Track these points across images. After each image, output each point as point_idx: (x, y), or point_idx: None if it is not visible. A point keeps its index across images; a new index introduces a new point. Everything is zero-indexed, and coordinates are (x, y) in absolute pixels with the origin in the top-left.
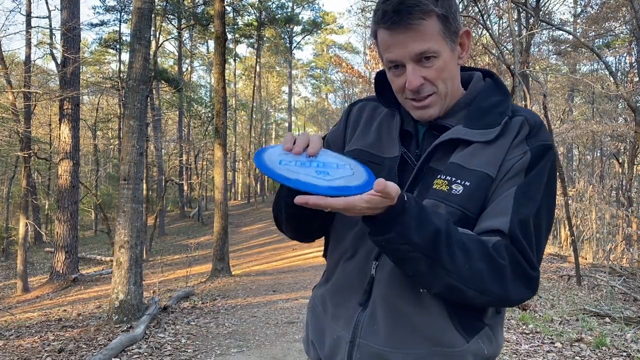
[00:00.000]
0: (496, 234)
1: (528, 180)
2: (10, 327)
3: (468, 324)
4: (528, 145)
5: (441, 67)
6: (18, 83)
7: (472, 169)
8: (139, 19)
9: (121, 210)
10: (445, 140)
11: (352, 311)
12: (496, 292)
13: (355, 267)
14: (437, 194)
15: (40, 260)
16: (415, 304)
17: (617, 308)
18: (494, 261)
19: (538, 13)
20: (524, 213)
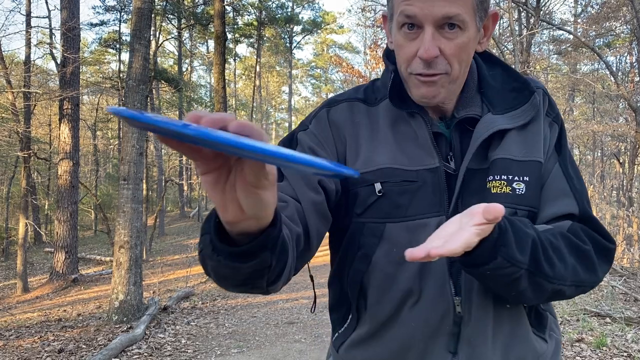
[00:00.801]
0: (568, 217)
1: (564, 154)
2: (10, 328)
3: (538, 322)
4: (549, 117)
5: (464, 43)
6: (18, 83)
7: (525, 160)
8: (139, 18)
9: (121, 210)
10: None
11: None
12: (590, 280)
13: (427, 312)
14: (503, 199)
15: (40, 260)
16: (506, 329)
17: (618, 308)
18: (581, 250)
19: (538, 13)
20: (579, 188)
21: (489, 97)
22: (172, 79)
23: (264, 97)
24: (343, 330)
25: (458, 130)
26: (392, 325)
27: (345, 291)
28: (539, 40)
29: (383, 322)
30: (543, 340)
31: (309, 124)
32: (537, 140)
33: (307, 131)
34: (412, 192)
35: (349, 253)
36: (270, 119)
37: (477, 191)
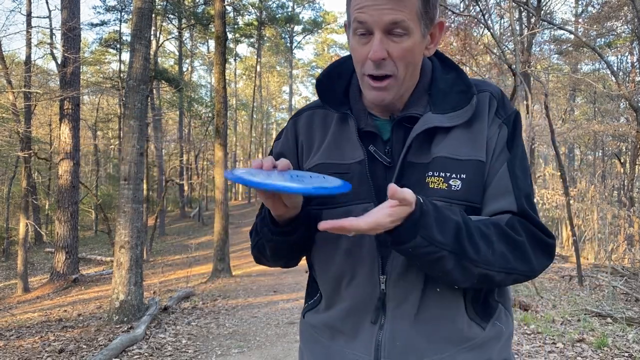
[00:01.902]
0: (506, 214)
1: (514, 154)
2: (11, 328)
3: (483, 310)
4: (499, 118)
5: (408, 47)
6: (18, 83)
7: (464, 159)
8: (139, 18)
9: (121, 210)
10: (422, 131)
11: (368, 332)
12: (522, 268)
13: (360, 288)
14: (438, 193)
15: (40, 260)
16: (433, 309)
17: (619, 308)
18: (512, 240)
19: (539, 12)
20: (523, 187)
21: (433, 98)
22: (173, 79)
23: (264, 97)
24: (312, 301)
25: (402, 127)
26: (335, 300)
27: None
28: (540, 40)
29: (329, 296)
30: (479, 326)
31: (282, 134)
32: (478, 141)
33: (280, 140)
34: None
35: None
36: (271, 119)
37: (416, 184)
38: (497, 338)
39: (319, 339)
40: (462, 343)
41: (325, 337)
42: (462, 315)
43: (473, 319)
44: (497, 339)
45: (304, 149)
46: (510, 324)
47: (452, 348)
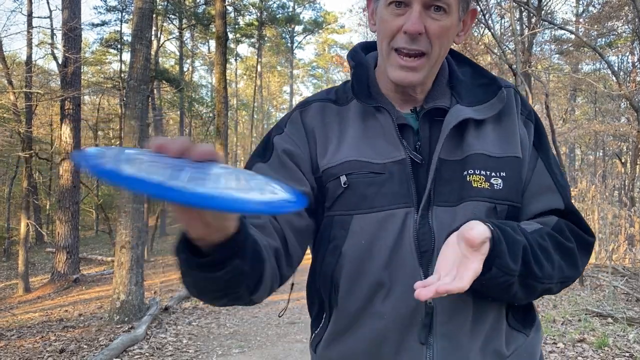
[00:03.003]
0: (554, 212)
1: (545, 150)
2: (12, 328)
3: (525, 318)
4: (523, 115)
5: (446, 26)
6: (19, 83)
7: (501, 156)
8: (140, 19)
9: (122, 210)
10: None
11: (413, 353)
12: (573, 275)
13: (399, 302)
14: (482, 193)
15: (41, 260)
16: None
17: (620, 308)
18: (565, 247)
19: (540, 12)
20: (563, 183)
21: (458, 90)
22: (173, 79)
23: (265, 97)
24: (318, 330)
25: (427, 121)
26: (364, 319)
27: (318, 287)
28: (541, 40)
29: (354, 315)
30: (524, 334)
31: (284, 127)
32: (512, 137)
33: (282, 134)
34: (379, 184)
35: (321, 248)
36: (272, 119)
37: (450, 181)
38: (538, 344)
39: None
40: (509, 352)
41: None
42: (505, 324)
43: (515, 327)
44: (538, 344)
45: (317, 144)
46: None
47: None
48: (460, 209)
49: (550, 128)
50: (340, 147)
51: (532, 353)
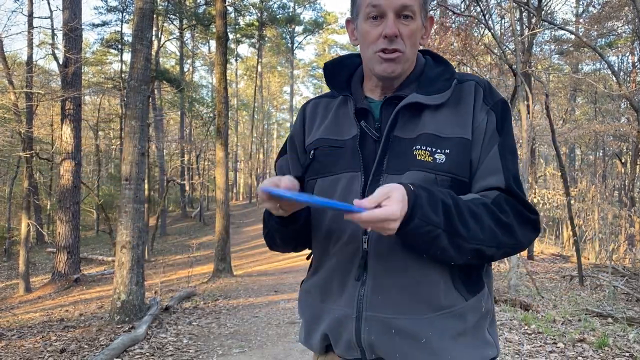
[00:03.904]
0: (494, 190)
1: (504, 137)
2: (13, 328)
3: (470, 284)
4: (487, 105)
5: (414, 30)
6: (20, 83)
7: (447, 137)
8: (141, 19)
9: (123, 210)
10: (405, 105)
11: (351, 289)
12: (509, 242)
13: (344, 247)
14: (425, 165)
15: (42, 260)
16: (415, 271)
17: (620, 308)
18: (498, 216)
19: (540, 13)
20: (512, 168)
21: (421, 83)
22: (174, 79)
23: (265, 97)
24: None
25: (390, 106)
26: (324, 260)
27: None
28: (541, 40)
29: (318, 257)
30: (462, 297)
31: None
32: (463, 121)
33: (293, 127)
34: (337, 155)
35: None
36: (272, 119)
37: (402, 155)
38: (477, 311)
39: (312, 302)
40: (443, 309)
41: (317, 299)
42: (447, 282)
43: (458, 289)
44: (478, 312)
45: (306, 128)
46: (492, 304)
47: (431, 311)
48: (405, 177)
49: (551, 128)
50: (317, 130)
51: (462, 317)
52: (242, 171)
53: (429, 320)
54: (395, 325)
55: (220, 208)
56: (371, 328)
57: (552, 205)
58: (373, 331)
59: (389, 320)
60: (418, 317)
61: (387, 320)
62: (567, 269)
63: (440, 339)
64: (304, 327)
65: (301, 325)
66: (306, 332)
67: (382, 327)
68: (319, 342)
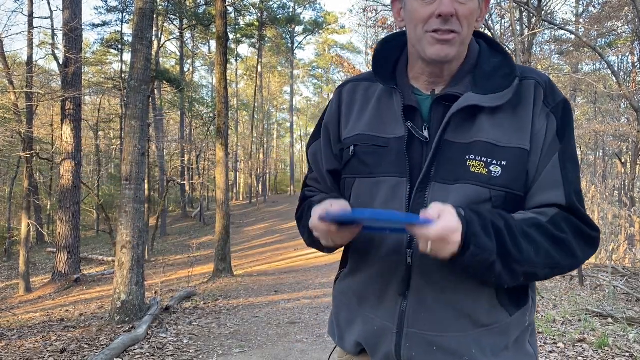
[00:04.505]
0: (554, 207)
1: (565, 144)
2: (13, 328)
3: (516, 298)
4: (548, 107)
5: (472, 9)
6: (20, 83)
7: (505, 146)
8: (141, 19)
9: (123, 210)
10: (460, 109)
11: (392, 301)
12: (565, 263)
13: (387, 258)
14: (478, 179)
15: (42, 260)
16: (459, 287)
17: (620, 308)
18: (555, 237)
19: (540, 13)
20: (573, 180)
21: (476, 79)
22: (174, 80)
23: (265, 97)
24: (341, 270)
25: (441, 105)
26: (363, 265)
27: None
28: (541, 40)
29: (357, 261)
30: (506, 312)
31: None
32: (523, 128)
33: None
34: (380, 155)
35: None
36: (272, 119)
37: (453, 162)
38: (521, 326)
39: (348, 304)
40: (487, 325)
41: (354, 303)
42: (492, 298)
43: (503, 304)
44: (522, 326)
45: (342, 116)
46: (533, 316)
47: (474, 328)
48: (454, 189)
49: None
50: (357, 122)
51: (506, 332)
52: (242, 171)
53: (472, 337)
54: (438, 342)
55: (220, 208)
56: (412, 344)
57: None
58: (414, 347)
59: (431, 337)
60: (461, 334)
61: (429, 338)
62: None
63: (482, 355)
64: (337, 328)
65: (332, 321)
66: (340, 333)
67: (424, 344)
68: (353, 347)
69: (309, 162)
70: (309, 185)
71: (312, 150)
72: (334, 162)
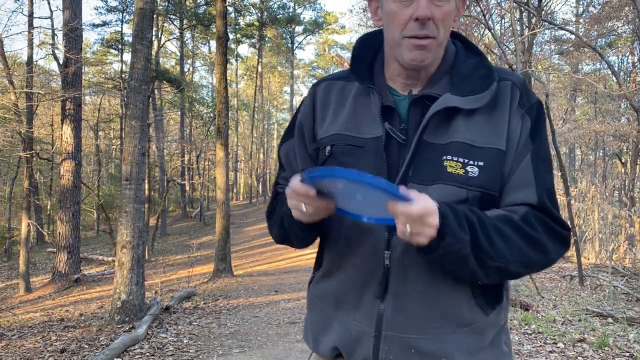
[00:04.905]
0: (526, 206)
1: (537, 145)
2: (13, 328)
3: (491, 297)
4: (523, 108)
5: (449, 11)
6: (20, 83)
7: (482, 146)
8: (141, 19)
9: (123, 210)
10: (439, 110)
11: (370, 305)
12: (538, 260)
13: (364, 260)
14: (455, 179)
15: (42, 260)
16: (437, 288)
17: (620, 308)
18: (527, 234)
19: (540, 13)
20: (545, 180)
21: (454, 80)
22: (174, 80)
23: (265, 97)
24: (315, 272)
25: (419, 106)
26: (339, 267)
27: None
28: (541, 40)
29: (333, 262)
30: (483, 312)
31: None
32: (499, 129)
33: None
34: (357, 155)
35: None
36: (272, 119)
37: (430, 163)
38: (497, 325)
39: (324, 308)
40: (465, 326)
41: (329, 307)
42: (469, 298)
43: (479, 304)
44: (498, 326)
45: (317, 115)
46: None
47: (453, 329)
48: (432, 189)
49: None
50: (333, 122)
51: (482, 332)
52: (242, 171)
53: (450, 338)
54: (416, 345)
55: (220, 208)
56: (390, 347)
57: None
58: (392, 351)
59: (409, 339)
60: (439, 335)
61: (407, 340)
62: (567, 269)
63: (460, 356)
64: (312, 332)
65: (306, 325)
66: (314, 338)
67: (402, 347)
68: (329, 352)
69: (281, 162)
70: (280, 184)
71: (284, 150)
72: (309, 161)
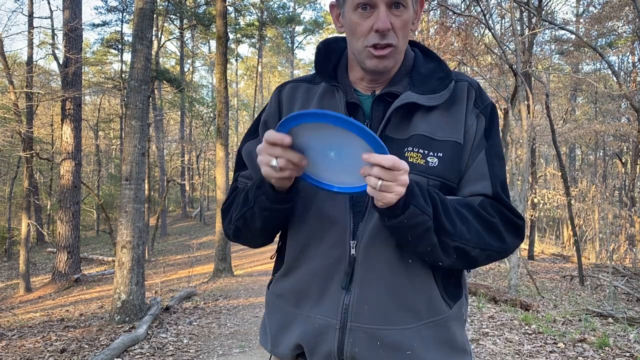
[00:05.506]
0: (481, 196)
1: (491, 142)
2: (13, 328)
3: (453, 291)
4: (477, 108)
5: (407, 20)
6: (20, 83)
7: (441, 139)
8: (141, 19)
9: (123, 210)
10: (400, 106)
11: (335, 296)
12: (496, 246)
13: (329, 251)
14: (416, 168)
15: (42, 260)
16: (403, 278)
17: (620, 308)
18: (484, 218)
19: (540, 12)
20: (499, 173)
21: (414, 80)
22: (174, 79)
23: (265, 97)
24: (274, 272)
25: (382, 104)
26: (302, 262)
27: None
28: (541, 40)
29: (294, 258)
30: (447, 305)
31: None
32: (457, 124)
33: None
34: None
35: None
36: None
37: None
38: (459, 319)
39: (284, 307)
40: (429, 318)
41: (290, 305)
42: (434, 290)
43: (443, 297)
44: (460, 320)
45: (283, 113)
46: (466, 311)
47: (418, 321)
48: None
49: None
50: None
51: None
52: None
53: (415, 331)
54: (381, 336)
55: (220, 208)
56: (355, 339)
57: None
58: (357, 343)
59: (375, 331)
60: (405, 327)
61: (373, 332)
62: (568, 269)
63: (425, 349)
64: (270, 333)
65: (263, 329)
66: (273, 339)
67: (367, 339)
68: (290, 351)
69: (241, 161)
70: (240, 182)
71: (248, 149)
72: None
